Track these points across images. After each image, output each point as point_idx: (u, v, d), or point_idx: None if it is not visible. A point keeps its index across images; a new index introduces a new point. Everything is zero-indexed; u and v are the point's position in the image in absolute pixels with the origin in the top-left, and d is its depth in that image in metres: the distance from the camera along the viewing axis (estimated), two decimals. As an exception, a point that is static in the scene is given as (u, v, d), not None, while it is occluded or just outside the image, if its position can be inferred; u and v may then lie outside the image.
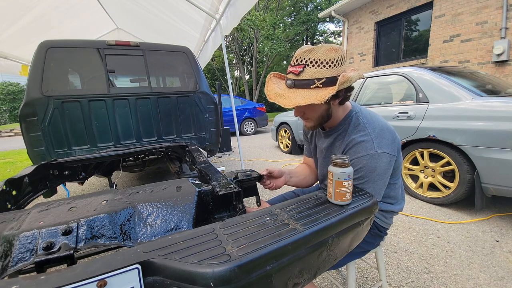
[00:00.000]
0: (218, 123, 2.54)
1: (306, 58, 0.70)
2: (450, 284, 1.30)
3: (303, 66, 0.70)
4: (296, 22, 16.89)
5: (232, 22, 2.93)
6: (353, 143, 0.77)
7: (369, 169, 0.74)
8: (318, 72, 0.69)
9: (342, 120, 0.84)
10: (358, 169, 0.75)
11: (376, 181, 0.76)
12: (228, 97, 7.09)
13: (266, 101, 20.75)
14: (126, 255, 0.44)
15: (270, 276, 0.44)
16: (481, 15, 4.40)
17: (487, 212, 2.08)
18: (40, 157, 1.84)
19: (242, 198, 0.79)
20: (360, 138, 0.76)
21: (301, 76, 0.71)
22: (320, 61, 0.69)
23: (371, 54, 6.67)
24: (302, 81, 0.71)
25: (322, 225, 0.52)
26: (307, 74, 0.70)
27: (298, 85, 0.72)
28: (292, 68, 0.73)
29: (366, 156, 0.74)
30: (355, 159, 0.75)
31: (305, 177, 1.07)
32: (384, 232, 0.93)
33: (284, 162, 4.18)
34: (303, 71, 0.70)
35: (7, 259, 0.54)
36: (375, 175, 0.75)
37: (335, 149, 0.86)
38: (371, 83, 3.01)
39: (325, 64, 0.69)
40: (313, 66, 0.69)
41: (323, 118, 0.80)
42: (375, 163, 0.74)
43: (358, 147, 0.76)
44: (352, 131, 0.80)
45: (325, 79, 0.69)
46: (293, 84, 0.73)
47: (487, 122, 1.84)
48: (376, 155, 0.73)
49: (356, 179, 0.75)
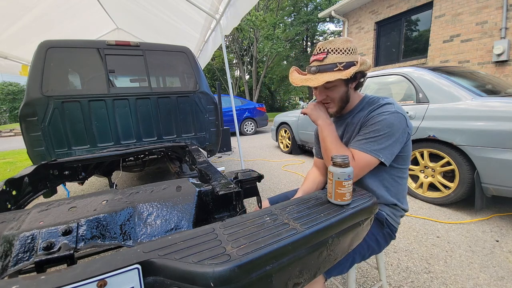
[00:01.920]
0: (218, 123, 2.54)
1: (328, 48, 0.83)
2: (450, 284, 1.30)
3: (326, 53, 0.83)
4: (296, 22, 16.88)
5: (232, 22, 2.93)
6: (375, 107, 0.85)
7: (387, 124, 0.79)
8: (339, 57, 0.82)
9: (358, 103, 0.93)
10: (375, 123, 0.81)
11: (389, 138, 0.80)
12: (228, 97, 7.09)
13: (266, 101, 20.70)
14: (126, 255, 0.44)
15: (270, 276, 0.44)
16: (481, 15, 4.40)
17: (487, 212, 2.08)
18: (40, 157, 1.84)
19: (242, 198, 0.79)
20: (381, 101, 0.86)
21: (325, 62, 0.83)
22: (340, 49, 0.82)
23: (371, 54, 6.67)
24: (326, 65, 0.83)
25: (322, 225, 0.52)
26: (330, 59, 0.83)
27: (323, 70, 0.84)
28: (316, 57, 0.86)
29: (386, 113, 0.81)
30: (377, 115, 0.82)
31: (314, 185, 1.05)
32: (394, 234, 0.93)
33: (284, 162, 4.18)
34: (327, 57, 0.83)
35: (7, 259, 0.54)
36: (391, 131, 0.79)
37: (353, 124, 0.91)
38: (371, 83, 3.01)
39: (344, 51, 0.82)
40: (334, 53, 0.82)
41: (343, 101, 0.90)
42: (393, 120, 0.80)
43: (380, 109, 0.83)
44: (373, 103, 0.88)
45: (345, 63, 0.82)
46: (317, 69, 0.85)
47: (487, 122, 1.84)
48: (396, 113, 0.80)
49: (372, 132, 0.80)
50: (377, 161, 0.80)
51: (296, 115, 4.56)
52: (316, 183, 1.06)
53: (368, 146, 0.80)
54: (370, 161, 0.81)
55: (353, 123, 0.91)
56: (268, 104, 21.04)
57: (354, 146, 0.84)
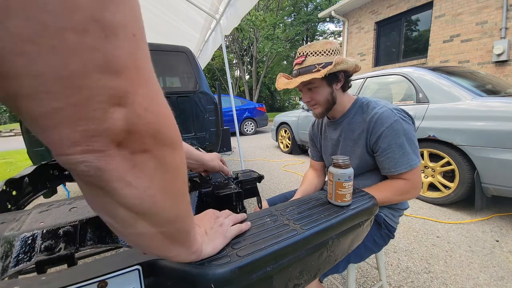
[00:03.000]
0: (218, 123, 2.54)
1: (307, 51, 0.85)
2: (450, 284, 1.31)
3: (305, 56, 0.85)
4: (296, 22, 16.89)
5: (232, 22, 2.93)
6: (376, 115, 0.83)
7: (403, 132, 0.79)
8: (318, 59, 0.83)
9: (351, 106, 0.93)
10: (394, 137, 0.79)
11: (414, 142, 0.81)
12: (228, 97, 7.08)
13: (266, 101, 20.73)
14: (127, 256, 0.44)
15: (270, 277, 0.44)
16: (481, 15, 4.40)
17: (487, 212, 2.08)
18: (40, 157, 1.83)
19: (243, 198, 0.79)
20: (379, 110, 0.83)
21: (304, 64, 0.85)
22: (319, 51, 0.83)
23: (371, 54, 6.67)
24: (305, 67, 0.84)
25: (323, 226, 0.52)
26: (309, 61, 0.84)
27: (303, 72, 0.85)
28: (296, 60, 0.88)
29: (394, 123, 0.79)
30: (385, 129, 0.80)
31: (312, 187, 1.07)
32: (393, 234, 0.93)
33: (284, 162, 4.18)
34: (305, 60, 0.84)
35: (7, 259, 0.55)
36: (409, 137, 0.80)
37: (352, 131, 0.91)
38: (371, 83, 3.01)
39: (323, 53, 0.83)
40: (312, 55, 0.83)
41: (329, 102, 0.89)
42: (404, 126, 0.80)
43: (381, 117, 0.81)
44: (367, 109, 0.88)
45: (324, 63, 0.82)
46: (298, 72, 0.86)
47: (487, 122, 1.84)
48: (400, 119, 0.80)
49: (397, 148, 0.79)
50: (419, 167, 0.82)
51: (296, 115, 4.56)
52: (313, 185, 1.07)
53: (403, 162, 0.79)
54: (417, 171, 0.81)
55: (352, 131, 0.90)
56: (268, 104, 21.04)
57: (396, 170, 0.80)
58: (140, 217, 0.25)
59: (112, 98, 0.18)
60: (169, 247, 0.32)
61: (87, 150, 0.18)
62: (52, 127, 0.17)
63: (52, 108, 0.16)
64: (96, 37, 0.16)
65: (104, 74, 0.17)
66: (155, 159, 0.23)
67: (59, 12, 0.14)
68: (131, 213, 0.24)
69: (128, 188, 0.22)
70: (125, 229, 0.26)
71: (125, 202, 0.23)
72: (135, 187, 0.22)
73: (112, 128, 0.19)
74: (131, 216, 0.24)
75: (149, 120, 0.21)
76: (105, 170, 0.20)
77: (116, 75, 0.18)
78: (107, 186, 0.21)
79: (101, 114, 0.18)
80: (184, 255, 0.37)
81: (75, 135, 0.17)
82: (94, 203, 0.24)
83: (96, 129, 0.18)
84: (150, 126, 0.21)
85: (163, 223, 0.27)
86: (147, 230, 0.26)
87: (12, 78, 0.15)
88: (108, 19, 0.16)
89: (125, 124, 0.19)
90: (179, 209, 0.29)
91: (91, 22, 0.16)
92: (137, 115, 0.20)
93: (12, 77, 0.15)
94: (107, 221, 0.26)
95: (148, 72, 0.21)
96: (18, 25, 0.14)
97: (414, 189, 0.81)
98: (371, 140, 0.84)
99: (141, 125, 0.21)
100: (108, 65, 0.17)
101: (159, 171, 0.24)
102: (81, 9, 0.15)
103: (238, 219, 0.53)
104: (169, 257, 0.35)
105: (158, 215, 0.26)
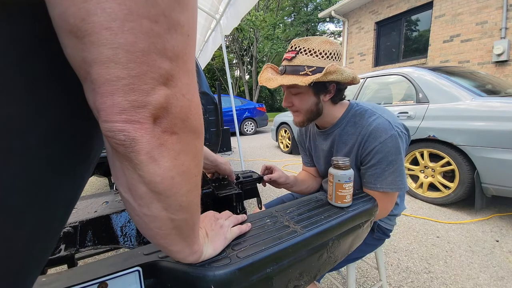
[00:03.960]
0: (218, 123, 2.54)
1: (301, 46, 0.71)
2: (450, 284, 1.31)
3: (296, 52, 0.72)
4: (296, 22, 16.90)
5: (232, 22, 2.93)
6: (370, 128, 0.73)
7: (396, 150, 0.70)
8: (310, 60, 0.70)
9: (343, 115, 0.81)
10: (386, 154, 0.70)
11: (403, 164, 0.72)
12: (228, 97, 7.08)
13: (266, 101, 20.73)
14: (127, 257, 0.44)
15: (270, 279, 0.44)
16: (481, 15, 4.40)
17: (487, 212, 2.08)
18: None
19: (243, 199, 0.79)
20: (375, 121, 0.73)
21: (292, 62, 0.72)
22: (314, 50, 0.70)
23: (371, 54, 6.67)
24: (293, 66, 0.72)
25: (323, 227, 0.52)
26: (299, 60, 0.71)
27: (289, 71, 0.73)
28: (286, 54, 0.75)
29: (389, 139, 0.70)
30: (379, 145, 0.71)
31: (307, 186, 1.01)
32: (388, 235, 0.92)
33: (284, 162, 4.18)
34: (295, 57, 0.72)
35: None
36: (401, 157, 0.71)
37: (344, 144, 0.82)
38: (371, 83, 3.01)
39: (318, 54, 0.70)
40: (305, 54, 0.70)
41: (312, 113, 0.78)
42: (398, 143, 0.71)
43: (378, 131, 0.71)
44: (361, 120, 0.77)
45: (315, 67, 0.69)
46: (284, 69, 0.74)
47: (487, 122, 1.84)
48: (396, 134, 0.71)
49: (388, 165, 0.71)
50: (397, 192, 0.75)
51: (296, 115, 4.55)
52: (310, 178, 1.04)
53: (391, 181, 0.72)
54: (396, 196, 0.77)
55: (344, 143, 0.81)
56: (268, 104, 21.05)
57: (382, 188, 0.73)
58: (156, 197, 0.27)
59: (161, 77, 0.22)
60: (174, 239, 0.33)
61: (129, 119, 0.22)
62: (109, 93, 0.20)
63: (116, 76, 0.20)
64: (162, 27, 0.21)
65: (161, 57, 0.21)
66: (181, 143, 0.26)
67: (143, 4, 0.19)
68: (150, 191, 0.26)
69: (152, 164, 0.25)
70: (141, 208, 0.28)
71: (147, 178, 0.25)
72: (158, 165, 0.25)
73: (154, 103, 0.22)
74: (149, 195, 0.27)
75: (183, 104, 0.25)
76: (138, 141, 0.23)
77: (169, 60, 0.22)
78: (135, 158, 0.24)
79: (149, 88, 0.22)
80: (185, 253, 0.37)
81: (125, 103, 0.21)
82: (119, 178, 0.27)
83: (142, 101, 0.21)
84: (183, 110, 0.25)
85: (175, 209, 0.30)
86: (159, 213, 0.29)
87: (96, 46, 0.19)
88: (174, 17, 0.21)
89: (165, 102, 0.23)
90: (192, 196, 0.31)
91: (162, 16, 0.20)
92: (175, 97, 0.24)
93: (97, 45, 0.19)
94: (127, 198, 0.28)
95: (191, 66, 0.25)
96: (112, 7, 0.18)
97: (383, 210, 0.74)
98: (362, 154, 0.76)
99: (176, 107, 0.24)
100: (164, 51, 0.22)
101: (181, 155, 0.27)
102: (158, 5, 0.20)
103: (239, 220, 0.54)
104: (171, 251, 0.36)
105: (173, 199, 0.28)
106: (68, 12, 0.18)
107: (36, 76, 0.21)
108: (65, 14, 0.18)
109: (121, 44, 0.19)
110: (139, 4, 0.19)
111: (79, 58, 0.19)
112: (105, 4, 0.18)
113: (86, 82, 0.21)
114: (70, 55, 0.20)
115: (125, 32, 0.19)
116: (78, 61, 0.20)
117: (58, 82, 0.23)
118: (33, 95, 0.21)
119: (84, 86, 0.22)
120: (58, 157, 0.24)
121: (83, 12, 0.18)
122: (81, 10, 0.18)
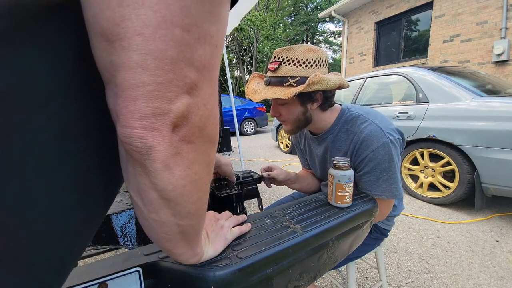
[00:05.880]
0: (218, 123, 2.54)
1: (284, 56, 0.70)
2: (450, 284, 1.31)
3: (279, 63, 0.71)
4: (296, 22, 16.89)
5: (232, 22, 2.93)
6: (362, 136, 0.72)
7: (389, 158, 0.69)
8: (293, 70, 0.69)
9: (335, 121, 0.81)
10: (379, 162, 0.70)
11: (397, 171, 0.72)
12: (228, 97, 7.07)
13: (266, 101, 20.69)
14: (127, 257, 0.44)
15: (270, 279, 0.44)
16: (481, 15, 4.40)
17: (487, 212, 2.08)
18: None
19: (243, 200, 0.79)
20: (366, 129, 0.72)
21: (276, 73, 0.72)
22: (297, 60, 0.69)
23: (371, 54, 6.67)
24: (277, 78, 0.71)
25: (323, 227, 0.52)
26: (282, 71, 0.70)
27: (273, 82, 0.72)
28: (270, 65, 0.74)
29: (381, 146, 0.69)
30: (371, 153, 0.70)
31: (308, 183, 1.01)
32: (386, 234, 0.92)
33: (284, 162, 4.18)
34: (279, 68, 0.71)
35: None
36: (394, 164, 0.71)
37: (338, 150, 0.81)
38: (371, 83, 3.01)
39: (301, 63, 0.69)
40: (289, 64, 0.69)
41: (300, 122, 0.78)
42: (391, 150, 0.69)
43: (369, 138, 0.71)
44: (352, 126, 0.76)
45: (299, 78, 0.68)
46: (268, 81, 0.73)
47: (487, 122, 1.84)
48: (388, 141, 0.69)
49: (381, 173, 0.70)
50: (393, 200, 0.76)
51: (296, 115, 4.55)
52: (310, 175, 1.04)
53: (385, 188, 0.72)
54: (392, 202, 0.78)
55: (338, 150, 0.81)
56: (268, 104, 21.01)
57: (377, 195, 0.72)
58: (166, 204, 0.27)
59: (186, 86, 0.22)
60: (179, 243, 0.33)
61: (149, 126, 0.21)
62: (133, 98, 0.20)
63: (142, 82, 0.20)
64: (193, 37, 0.21)
65: (188, 66, 0.22)
66: (196, 152, 0.26)
67: (177, 12, 0.19)
68: (160, 198, 0.26)
69: (166, 172, 0.24)
70: (149, 213, 0.28)
71: (159, 185, 0.25)
72: (172, 174, 0.25)
73: (176, 111, 0.22)
74: (159, 201, 0.27)
75: (203, 114, 0.25)
76: (155, 149, 0.22)
77: (195, 70, 0.22)
78: (150, 166, 0.23)
79: (173, 96, 0.21)
80: (187, 256, 0.38)
81: (147, 109, 0.21)
82: (131, 182, 0.27)
83: (164, 108, 0.21)
84: (202, 119, 0.25)
85: (183, 216, 0.29)
86: (167, 219, 0.29)
87: (126, 51, 0.19)
88: (205, 27, 0.22)
89: (186, 110, 0.23)
90: (201, 203, 0.31)
91: (194, 25, 0.21)
92: (197, 107, 0.24)
93: (127, 50, 0.19)
94: (136, 202, 0.28)
95: (215, 77, 0.26)
96: (147, 14, 0.18)
97: (379, 215, 0.74)
98: (355, 161, 0.76)
99: (197, 116, 0.24)
100: (192, 60, 0.22)
101: (195, 164, 0.27)
102: (192, 15, 0.20)
103: (239, 221, 0.54)
104: (175, 253, 0.36)
105: (182, 206, 0.28)
106: (102, 15, 0.18)
107: (93, 82, 0.22)
108: (99, 16, 0.18)
109: (151, 50, 0.19)
110: (174, 12, 0.19)
111: (107, 60, 0.20)
112: (140, 11, 0.18)
113: (109, 85, 0.21)
114: (98, 56, 0.20)
115: (156, 39, 0.19)
116: (105, 63, 0.20)
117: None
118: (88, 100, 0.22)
119: (106, 88, 0.22)
120: (103, 159, 0.26)
121: (117, 17, 0.18)
122: (116, 14, 0.18)
